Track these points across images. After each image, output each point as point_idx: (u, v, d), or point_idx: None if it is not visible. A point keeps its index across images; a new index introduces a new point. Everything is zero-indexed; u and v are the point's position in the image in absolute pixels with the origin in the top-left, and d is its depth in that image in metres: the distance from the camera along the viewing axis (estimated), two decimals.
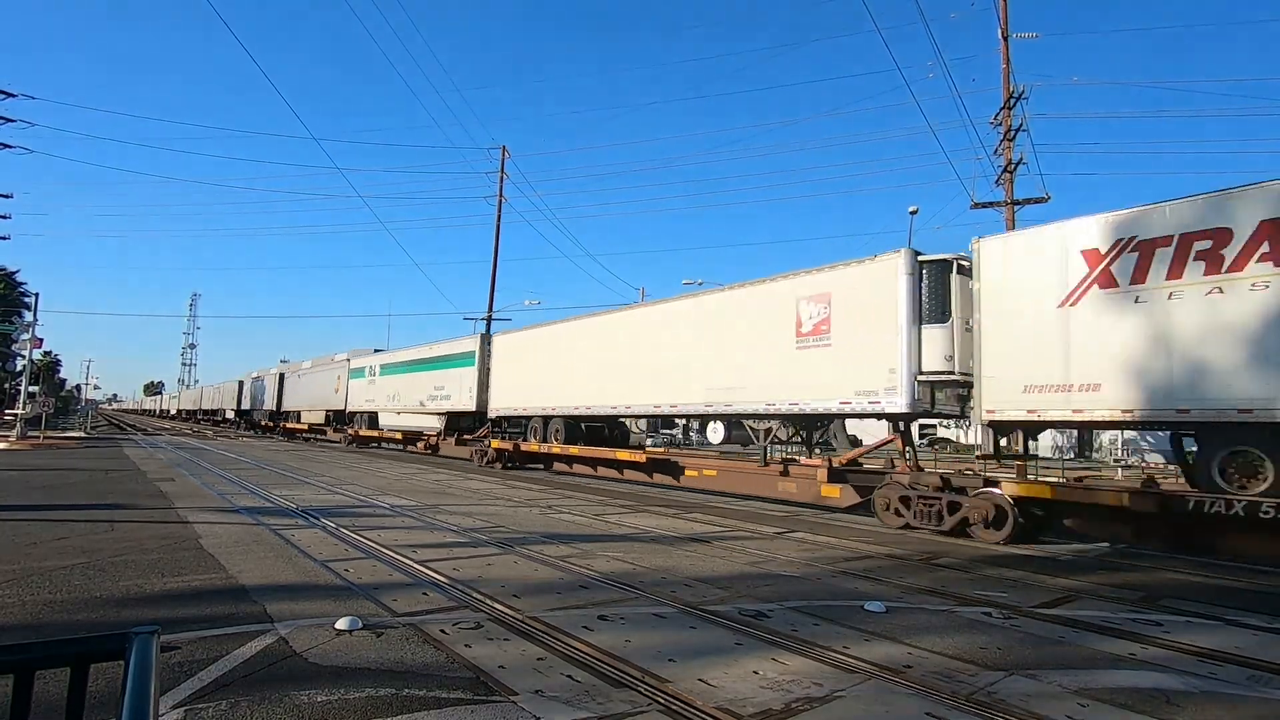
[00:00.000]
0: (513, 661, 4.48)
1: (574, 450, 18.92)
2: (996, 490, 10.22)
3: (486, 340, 23.38)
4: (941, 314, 11.07)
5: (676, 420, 17.55)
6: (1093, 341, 9.31)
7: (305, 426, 40.51)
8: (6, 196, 33.80)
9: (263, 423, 47.75)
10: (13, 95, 31.95)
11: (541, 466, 21.31)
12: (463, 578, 6.77)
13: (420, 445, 27.64)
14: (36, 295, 33.24)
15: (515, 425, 21.88)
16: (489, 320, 36.04)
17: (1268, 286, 7.97)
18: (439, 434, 26.32)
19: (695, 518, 12.10)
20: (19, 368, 41.33)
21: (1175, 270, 8.69)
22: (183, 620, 5.13)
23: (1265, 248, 8.04)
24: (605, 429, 19.99)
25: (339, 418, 35.37)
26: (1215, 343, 8.33)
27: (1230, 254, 8.29)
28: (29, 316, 35.05)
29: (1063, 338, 9.58)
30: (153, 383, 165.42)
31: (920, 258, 11.35)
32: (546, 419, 20.24)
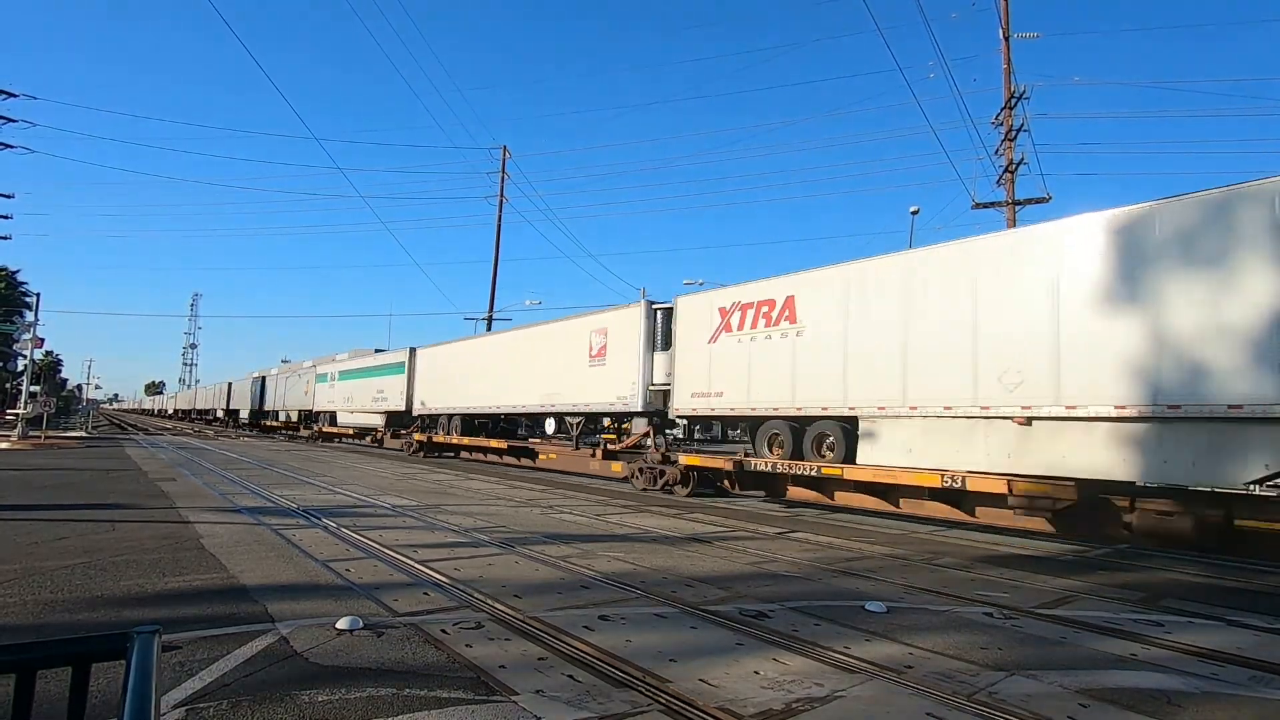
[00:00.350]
0: (514, 661, 4.48)
1: (465, 440, 24.76)
2: (682, 462, 15.67)
3: (413, 353, 28.55)
4: (665, 344, 16.32)
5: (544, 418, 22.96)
6: (719, 364, 14.77)
7: (280, 424, 45.31)
8: (8, 196, 33.85)
9: (244, 421, 52.92)
10: (14, 95, 32.03)
11: (453, 454, 26.74)
12: (464, 578, 6.77)
13: (368, 439, 32.84)
14: (38, 295, 33.26)
15: (433, 422, 27.15)
16: (490, 320, 36.12)
17: (784, 336, 13.51)
18: (382, 430, 30.77)
19: (696, 518, 12.10)
20: (20, 368, 41.44)
21: (754, 323, 14.17)
22: (184, 620, 5.13)
23: (787, 311, 13.51)
24: (491, 423, 24.83)
25: (308, 417, 39.56)
26: (768, 367, 13.79)
27: (774, 314, 13.79)
28: (30, 316, 35.10)
29: (708, 362, 15.02)
30: (154, 383, 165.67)
31: (654, 306, 16.98)
32: (450, 416, 25.77)
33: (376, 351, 34.90)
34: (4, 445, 24.95)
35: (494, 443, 23.25)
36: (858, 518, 12.74)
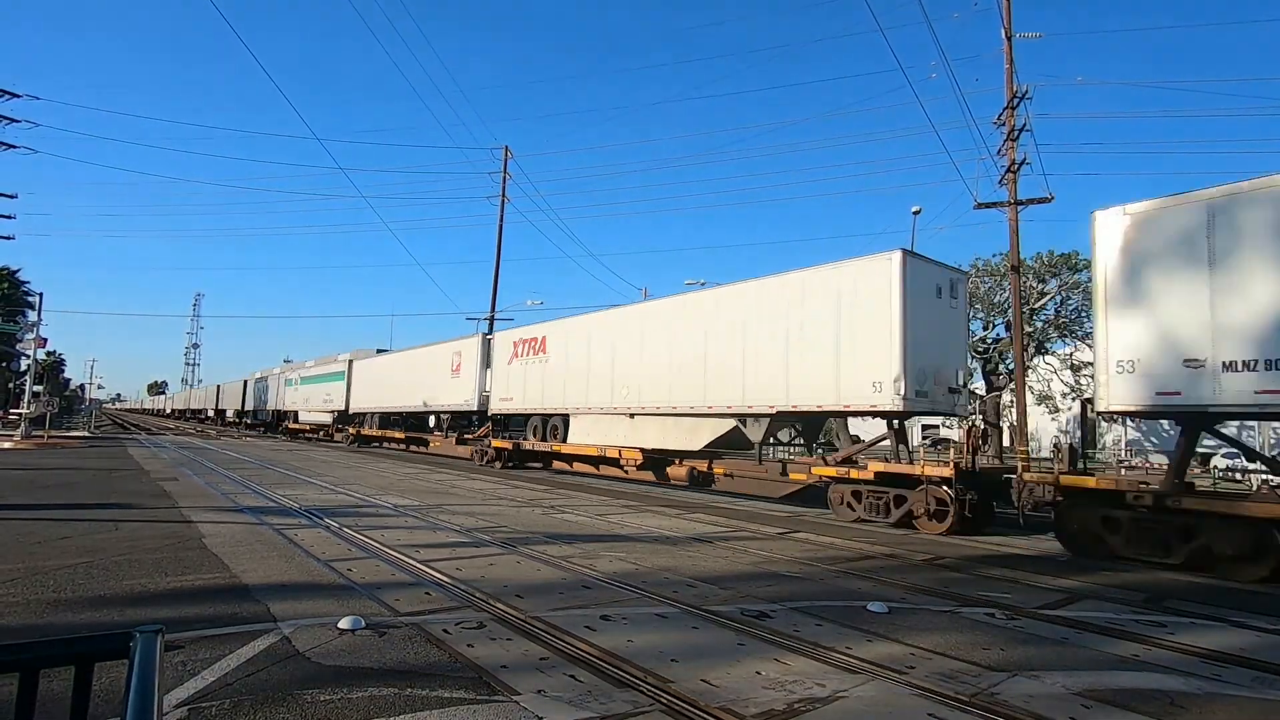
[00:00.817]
0: (515, 661, 4.48)
1: (379, 433, 32.53)
2: (494, 445, 22.86)
3: (351, 364, 35.03)
4: (488, 365, 23.54)
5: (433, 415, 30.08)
6: (512, 380, 21.95)
7: (259, 422, 52.48)
8: (11, 197, 33.88)
9: (230, 419, 60.15)
10: (17, 95, 32.06)
11: (377, 444, 33.60)
12: (465, 578, 6.78)
13: (321, 434, 39.85)
14: (41, 295, 33.27)
15: (363, 419, 34.13)
16: (491, 320, 36.13)
17: (540, 363, 20.67)
18: (330, 426, 38.26)
19: (698, 518, 12.10)
20: (23, 367, 41.53)
21: (526, 353, 21.40)
22: (186, 619, 5.14)
23: (541, 347, 20.72)
24: (401, 420, 31.51)
25: (279, 415, 46.04)
26: (532, 382, 20.72)
27: (535, 348, 20.98)
28: (33, 316, 35.21)
29: (506, 378, 22.28)
30: (156, 382, 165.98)
31: (486, 337, 24.56)
32: (372, 415, 32.98)
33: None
34: (7, 445, 25.00)
35: (397, 434, 31.22)
36: (858, 518, 12.72)
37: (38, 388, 31.70)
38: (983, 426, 14.54)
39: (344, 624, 5.03)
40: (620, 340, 17.86)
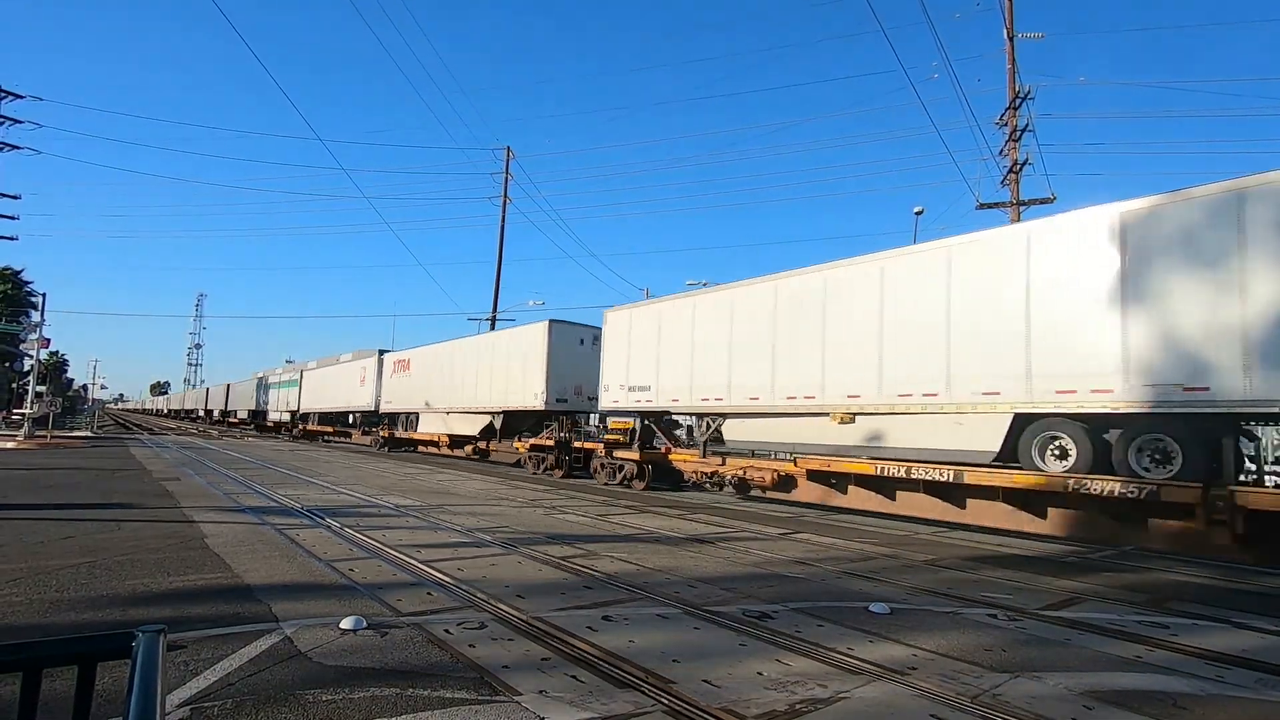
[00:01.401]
0: (517, 661, 4.48)
1: (317, 427, 42.44)
2: (383, 434, 32.48)
3: (303, 374, 45.05)
4: (382, 377, 32.35)
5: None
6: (395, 388, 31.11)
7: (239, 420, 61.59)
8: (14, 197, 33.96)
9: (216, 418, 68.99)
10: (20, 96, 32.15)
11: (315, 438, 42.40)
12: (467, 578, 6.78)
13: (283, 430, 49.06)
14: (44, 295, 33.34)
15: (308, 417, 43.27)
16: (493, 320, 36.29)
17: (407, 376, 30.42)
18: (287, 424, 47.78)
19: (699, 518, 12.10)
20: (26, 367, 41.59)
21: (403, 371, 30.68)
22: (189, 619, 5.15)
23: (409, 365, 30.40)
24: (333, 417, 40.70)
25: (255, 414, 55.40)
26: (403, 389, 30.48)
27: (406, 366, 30.77)
28: (36, 316, 35.24)
29: (392, 386, 31.41)
30: (159, 383, 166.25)
31: (382, 355, 33.05)
32: (315, 413, 42.15)
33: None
34: (10, 445, 25.05)
35: (329, 429, 41.17)
36: (860, 519, 12.72)
37: (41, 388, 31.74)
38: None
39: (346, 624, 5.03)
40: (444, 363, 27.30)
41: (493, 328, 34.73)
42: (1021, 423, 10.28)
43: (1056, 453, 10.05)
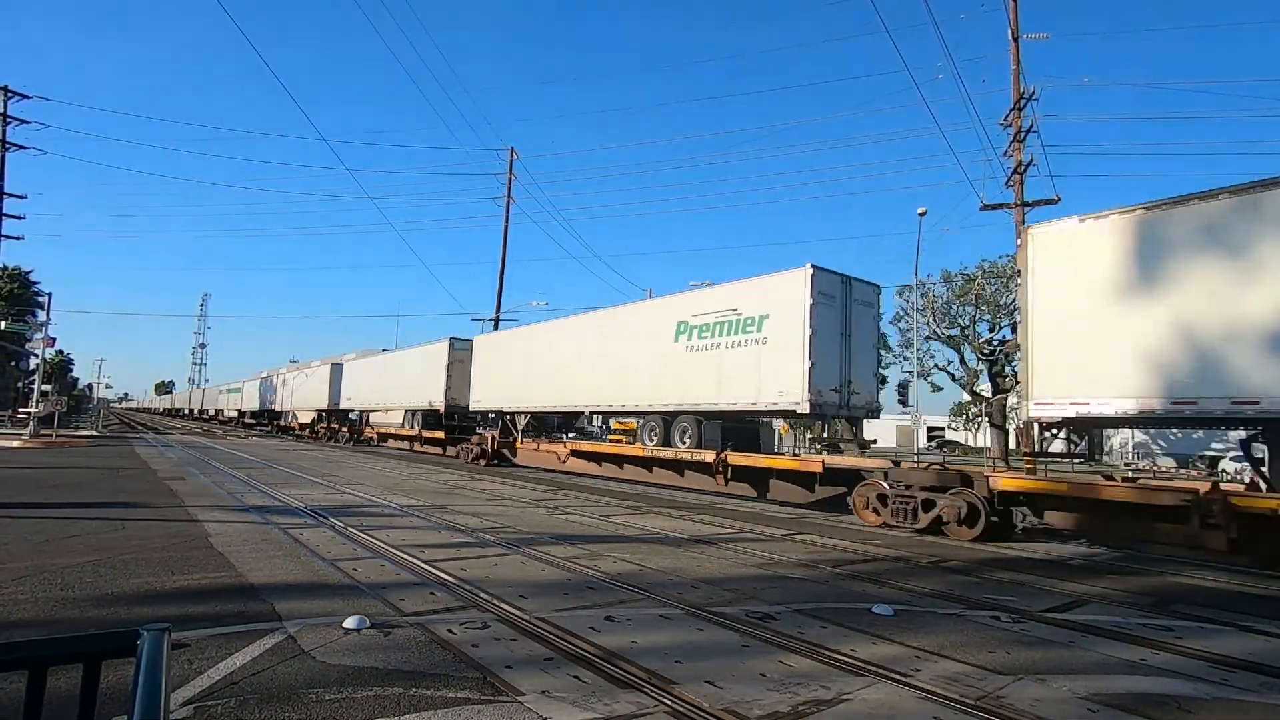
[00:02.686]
0: (520, 662, 4.49)
1: (295, 424, 48.60)
2: (347, 431, 39.40)
3: (265, 379, 55.29)
4: (339, 379, 38.74)
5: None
6: (354, 388, 36.79)
7: (224, 420, 70.70)
8: (20, 197, 34.09)
9: (202, 417, 79.41)
10: (27, 97, 32.28)
11: (294, 433, 47.81)
12: (470, 578, 6.79)
13: (248, 427, 58.58)
14: (49, 295, 33.48)
15: (287, 415, 50.43)
16: (496, 320, 36.38)
17: (368, 377, 36.39)
18: (250, 420, 58.74)
19: (702, 519, 12.09)
20: (32, 367, 41.76)
21: (361, 373, 36.82)
22: (193, 618, 5.16)
23: (359, 373, 37.26)
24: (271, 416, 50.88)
25: (241, 415, 63.98)
26: (356, 389, 36.82)
27: (363, 369, 37.44)
28: (42, 316, 35.39)
29: (352, 387, 36.93)
30: (163, 382, 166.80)
31: (335, 362, 40.02)
32: (285, 412, 49.72)
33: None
34: (16, 443, 25.16)
35: (297, 425, 48.14)
36: (863, 520, 12.69)
37: (46, 387, 31.88)
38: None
39: (349, 623, 5.04)
40: (383, 371, 33.76)
41: (496, 327, 35.26)
42: (669, 417, 16.96)
43: (682, 436, 16.47)
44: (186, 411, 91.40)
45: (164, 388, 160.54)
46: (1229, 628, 6.09)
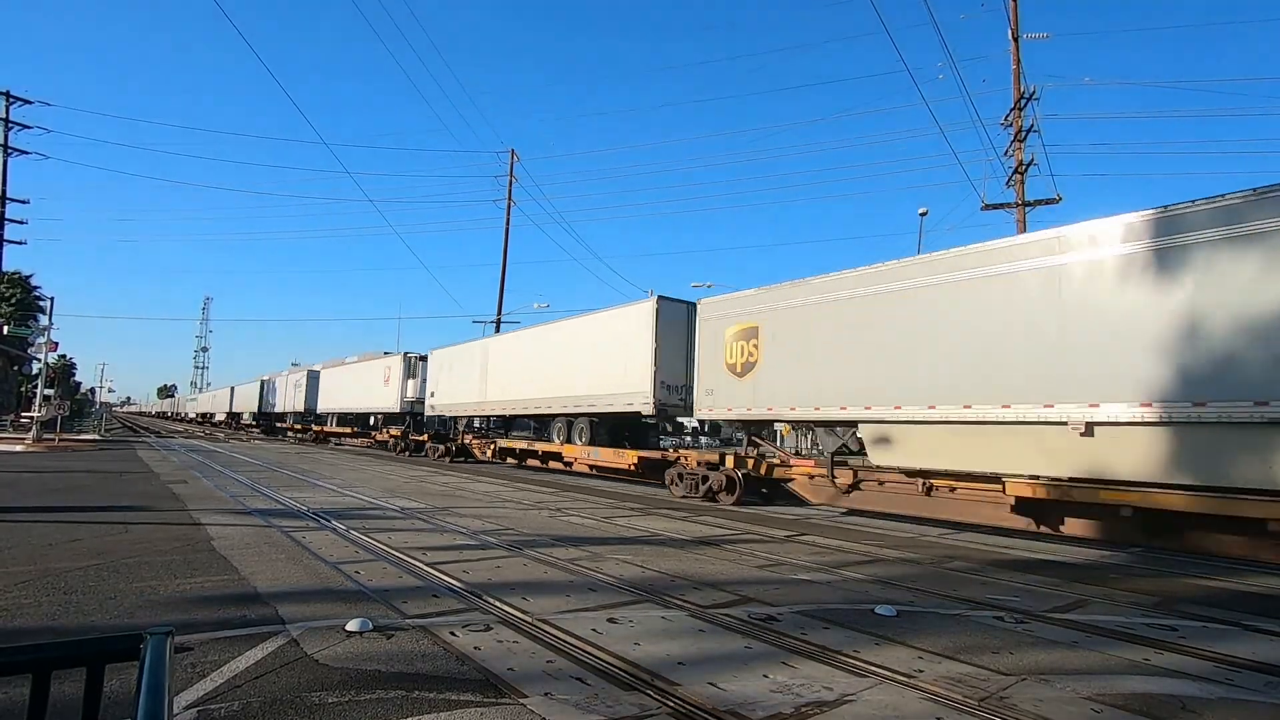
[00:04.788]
0: (522, 664, 4.49)
1: (285, 424, 52.08)
2: (314, 429, 45.43)
3: (233, 390, 63.38)
4: (315, 386, 43.65)
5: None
6: (325, 392, 41.57)
7: (213, 422, 76.31)
8: (23, 202, 34.20)
9: (205, 421, 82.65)
10: (29, 102, 32.40)
11: (282, 434, 51.95)
12: (473, 580, 6.79)
13: (223, 427, 65.94)
14: (52, 299, 33.59)
15: (284, 417, 53.52)
16: (498, 323, 36.47)
17: (337, 382, 41.01)
18: (223, 421, 67.22)
19: (705, 520, 12.08)
20: (35, 371, 41.85)
21: (331, 381, 41.68)
22: (196, 621, 5.16)
23: (332, 379, 41.78)
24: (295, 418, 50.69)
25: (230, 416, 68.76)
26: (325, 393, 42.14)
27: (337, 378, 40.94)
28: (44, 320, 35.48)
29: (329, 391, 40.98)
30: (166, 386, 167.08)
31: (312, 371, 44.09)
32: (253, 414, 57.91)
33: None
34: (19, 447, 25.21)
35: (290, 425, 50.17)
36: (866, 521, 12.68)
37: (49, 391, 31.92)
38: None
39: (352, 626, 5.04)
40: (347, 376, 37.68)
41: (497, 330, 35.70)
42: (571, 419, 20.54)
43: (580, 432, 20.08)
44: (189, 415, 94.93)
45: (166, 391, 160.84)
46: (1234, 627, 6.07)
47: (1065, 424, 9.71)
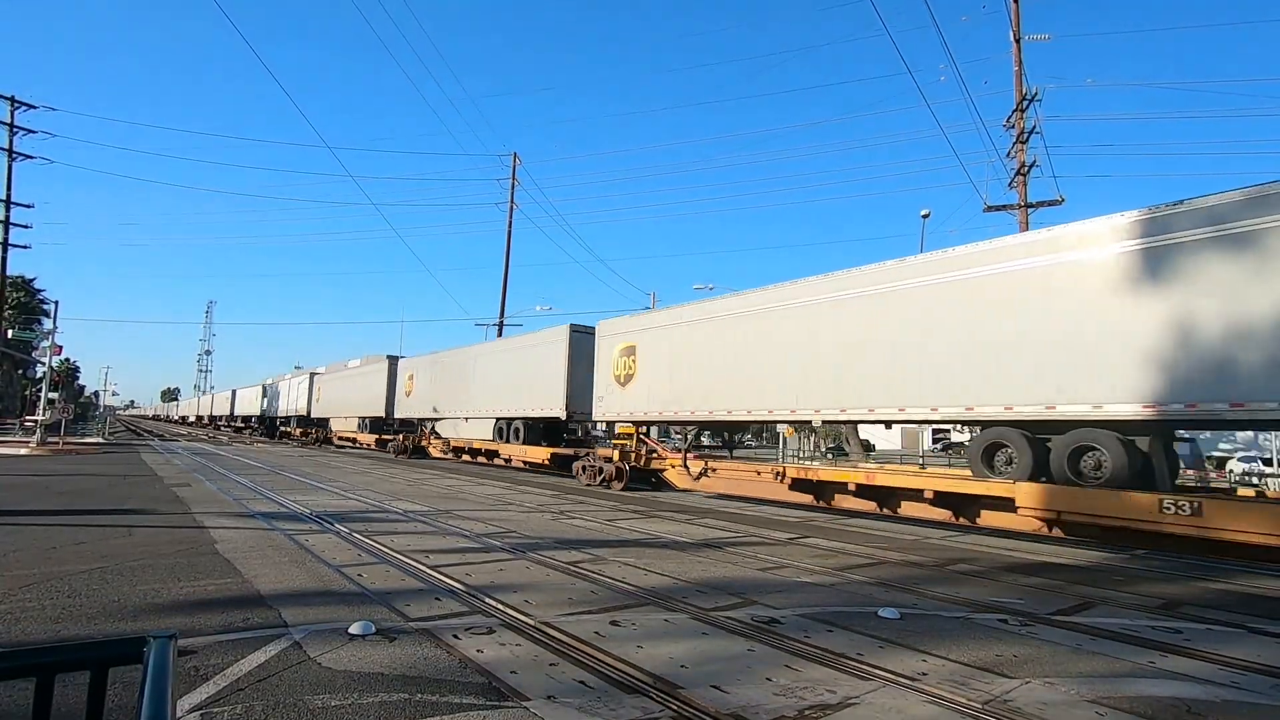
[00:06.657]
0: (525, 667, 4.48)
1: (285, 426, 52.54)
2: (314, 433, 45.45)
3: (234, 393, 64.00)
4: (310, 393, 44.99)
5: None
6: (323, 398, 42.55)
7: (207, 423, 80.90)
8: (28, 206, 34.33)
9: (209, 424, 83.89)
10: (34, 107, 32.53)
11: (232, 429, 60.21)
12: (475, 583, 6.79)
13: (230, 429, 65.85)
14: (56, 303, 33.72)
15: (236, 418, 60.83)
16: (500, 326, 36.53)
17: (331, 389, 42.88)
18: (206, 421, 74.94)
19: (707, 523, 12.07)
20: (39, 374, 41.97)
21: (327, 386, 43.31)
22: (199, 625, 5.17)
23: (324, 384, 43.92)
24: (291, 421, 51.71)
25: (225, 417, 71.14)
26: (325, 399, 43.05)
27: (329, 382, 43.05)
28: (48, 324, 35.60)
29: (323, 397, 42.63)
30: (169, 389, 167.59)
31: (312, 373, 44.85)
32: (245, 417, 60.76)
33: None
34: (23, 451, 25.28)
35: (288, 428, 50.48)
36: (868, 523, 12.67)
37: (53, 395, 32.01)
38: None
39: (354, 629, 5.04)
40: (345, 382, 38.77)
41: (500, 333, 36.23)
42: (502, 423, 24.23)
43: (516, 433, 23.27)
44: (192, 418, 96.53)
45: (170, 395, 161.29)
46: (1240, 630, 6.05)
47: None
